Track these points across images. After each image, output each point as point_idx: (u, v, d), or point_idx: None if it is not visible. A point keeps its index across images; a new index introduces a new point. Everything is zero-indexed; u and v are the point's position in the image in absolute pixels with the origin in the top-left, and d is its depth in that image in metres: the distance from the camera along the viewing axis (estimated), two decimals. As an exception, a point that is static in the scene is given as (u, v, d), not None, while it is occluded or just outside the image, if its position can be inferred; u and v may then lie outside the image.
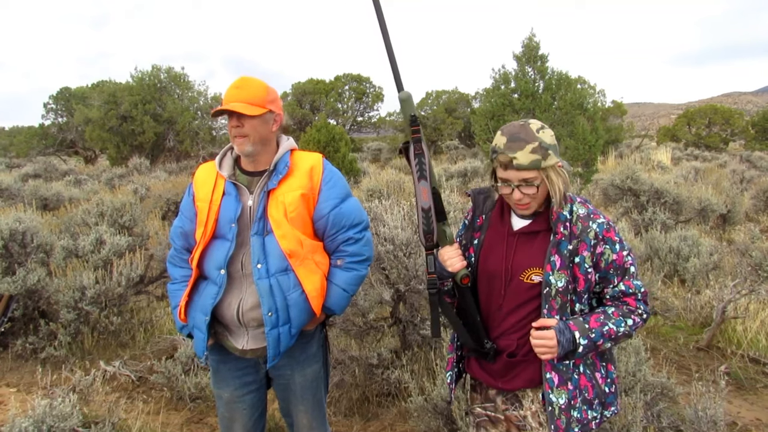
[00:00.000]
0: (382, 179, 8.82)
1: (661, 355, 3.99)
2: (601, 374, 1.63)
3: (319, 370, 2.09)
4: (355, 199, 2.05)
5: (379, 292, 3.48)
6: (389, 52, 1.62)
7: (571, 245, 1.54)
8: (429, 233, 1.60)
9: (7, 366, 3.92)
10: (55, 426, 2.35)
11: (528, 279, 1.57)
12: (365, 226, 2.02)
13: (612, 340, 1.56)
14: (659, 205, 7.54)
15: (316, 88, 28.03)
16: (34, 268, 4.17)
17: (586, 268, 1.55)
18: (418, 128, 1.60)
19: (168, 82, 16.50)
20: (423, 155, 1.60)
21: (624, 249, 1.59)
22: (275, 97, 2.07)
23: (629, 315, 1.58)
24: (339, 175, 2.06)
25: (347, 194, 2.02)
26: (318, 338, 2.08)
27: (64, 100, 23.16)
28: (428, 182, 1.59)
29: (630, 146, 23.33)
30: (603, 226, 1.57)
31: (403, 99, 1.62)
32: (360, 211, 2.02)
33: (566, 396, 1.57)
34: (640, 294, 1.60)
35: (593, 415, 1.61)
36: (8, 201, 8.42)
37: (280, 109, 2.07)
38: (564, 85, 11.88)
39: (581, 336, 1.52)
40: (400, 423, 3.16)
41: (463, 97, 28.08)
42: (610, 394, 1.64)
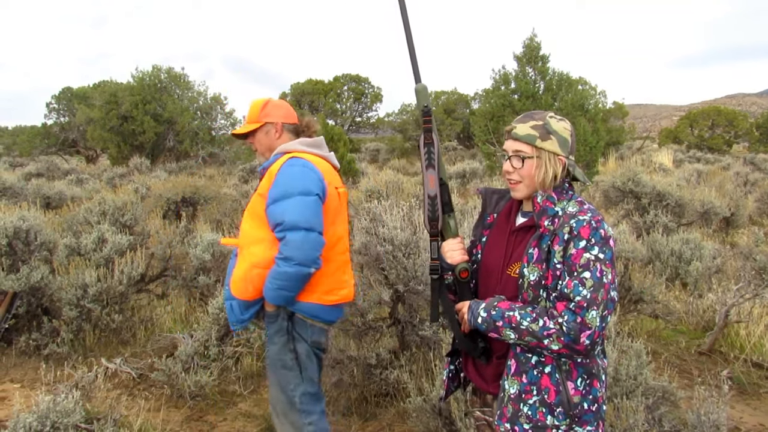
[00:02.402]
0: (380, 180, 8.84)
1: (662, 359, 3.97)
2: (576, 385, 1.51)
3: (280, 352, 2.22)
4: (291, 201, 2.12)
5: (378, 292, 3.50)
6: (409, 44, 1.67)
7: (550, 240, 1.51)
8: (434, 220, 1.64)
9: (11, 362, 3.96)
10: (59, 422, 2.39)
11: (513, 273, 1.58)
12: (286, 227, 2.09)
13: (513, 329, 1.48)
14: (661, 208, 7.48)
15: (314, 89, 28.08)
16: (38, 265, 4.21)
17: (555, 263, 1.48)
18: (430, 119, 1.65)
19: (168, 82, 16.53)
20: (433, 145, 1.64)
21: (589, 250, 1.44)
22: (271, 110, 2.35)
23: (544, 316, 1.45)
24: (288, 177, 2.17)
25: (283, 195, 2.13)
26: (279, 323, 2.21)
27: (66, 99, 23.23)
28: (436, 171, 1.63)
29: (631, 148, 23.24)
30: (581, 223, 1.47)
31: (419, 90, 1.68)
32: (285, 212, 2.10)
33: (518, 387, 1.53)
34: (574, 303, 1.42)
35: (554, 423, 1.50)
36: (12, 199, 8.47)
37: (282, 118, 2.34)
38: (565, 86, 11.89)
39: (483, 309, 1.55)
40: (398, 423, 3.18)
41: (462, 98, 28.07)
42: (588, 412, 1.51)
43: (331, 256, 2.23)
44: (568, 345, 1.43)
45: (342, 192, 2.37)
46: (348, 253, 2.39)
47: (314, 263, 2.11)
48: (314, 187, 2.16)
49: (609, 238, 1.48)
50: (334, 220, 2.27)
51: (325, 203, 2.21)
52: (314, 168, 2.22)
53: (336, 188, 2.32)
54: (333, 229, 2.25)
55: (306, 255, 2.08)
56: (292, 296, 2.15)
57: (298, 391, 2.22)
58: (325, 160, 2.37)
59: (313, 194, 2.15)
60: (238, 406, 3.48)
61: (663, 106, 73.01)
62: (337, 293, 2.27)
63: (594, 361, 1.55)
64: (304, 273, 2.09)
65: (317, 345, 2.28)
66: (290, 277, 2.08)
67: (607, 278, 1.44)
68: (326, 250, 2.18)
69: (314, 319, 2.23)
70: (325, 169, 2.28)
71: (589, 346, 1.43)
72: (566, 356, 1.49)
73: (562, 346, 1.43)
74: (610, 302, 1.44)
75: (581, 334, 1.41)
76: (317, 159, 2.30)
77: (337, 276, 2.28)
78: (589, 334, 1.41)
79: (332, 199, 2.25)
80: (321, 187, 2.19)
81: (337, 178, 2.39)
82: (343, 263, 2.33)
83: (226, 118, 17.49)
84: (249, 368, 3.88)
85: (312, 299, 2.20)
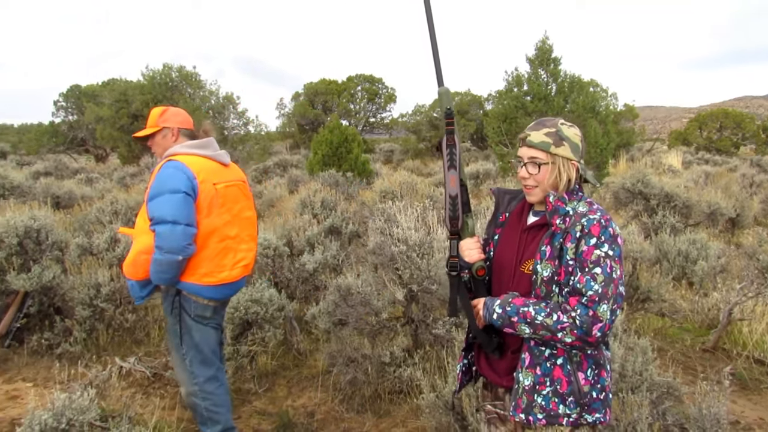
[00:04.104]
0: (395, 181, 8.84)
1: (668, 355, 4.02)
2: (586, 376, 1.59)
3: (171, 322, 2.61)
4: (160, 198, 2.44)
5: (392, 291, 3.50)
6: (434, 48, 1.71)
7: (562, 238, 1.58)
8: (455, 219, 1.70)
9: (23, 361, 3.97)
10: (74, 419, 2.38)
11: (527, 270, 1.64)
12: (155, 221, 2.43)
13: (529, 324, 1.54)
14: (669, 209, 7.55)
15: (328, 89, 28.05)
16: (49, 265, 4.21)
17: (567, 260, 1.55)
18: (453, 121, 1.69)
19: (179, 81, 16.55)
20: (455, 146, 1.68)
21: (600, 247, 1.52)
22: (169, 117, 2.72)
23: (557, 310, 1.52)
24: (161, 178, 2.49)
25: (156, 194, 2.47)
26: (170, 298, 2.59)
27: (75, 97, 23.29)
28: (457, 171, 1.68)
29: (641, 150, 23.13)
30: (592, 222, 1.54)
31: (442, 93, 1.73)
32: (155, 208, 2.44)
33: (532, 379, 1.59)
34: (586, 297, 1.49)
35: (566, 412, 1.58)
36: (20, 198, 8.48)
37: (178, 123, 2.71)
38: (576, 88, 11.86)
39: (498, 305, 1.61)
40: (411, 420, 3.18)
41: (476, 99, 28.02)
42: (597, 400, 1.60)
43: (208, 243, 2.54)
44: (580, 337, 1.50)
45: (221, 188, 2.62)
46: (230, 240, 2.63)
47: (182, 251, 2.42)
48: (182, 186, 2.45)
49: (617, 236, 1.56)
50: (209, 213, 2.54)
51: (197, 199, 2.50)
52: (185, 169, 2.50)
53: (214, 184, 2.58)
54: (208, 220, 2.53)
55: (172, 244, 2.40)
56: (170, 278, 2.47)
57: (188, 356, 2.59)
58: (211, 159, 2.67)
59: (181, 192, 2.44)
60: (253, 404, 3.47)
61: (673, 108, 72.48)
62: (215, 276, 2.56)
63: (601, 353, 1.64)
64: (173, 260, 2.41)
65: (202, 318, 2.59)
66: (162, 263, 2.42)
67: (616, 274, 1.52)
68: (201, 239, 2.51)
69: (196, 296, 2.55)
70: (201, 168, 2.56)
71: (600, 338, 1.50)
72: (578, 348, 1.56)
73: (575, 338, 1.51)
74: (619, 297, 1.52)
75: (593, 326, 1.49)
76: (195, 159, 2.58)
77: (216, 261, 2.57)
78: (600, 326, 1.49)
79: (206, 195, 2.53)
80: (189, 185, 2.48)
81: (220, 174, 2.66)
82: (223, 249, 2.59)
83: (238, 118, 17.52)
84: (263, 367, 3.88)
85: (192, 280, 2.53)
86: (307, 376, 3.82)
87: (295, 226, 5.29)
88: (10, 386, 3.67)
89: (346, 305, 3.56)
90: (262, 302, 3.75)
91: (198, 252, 2.50)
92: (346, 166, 10.86)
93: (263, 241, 4.56)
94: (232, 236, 2.64)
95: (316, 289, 4.55)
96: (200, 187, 2.51)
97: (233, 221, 2.67)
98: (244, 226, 2.75)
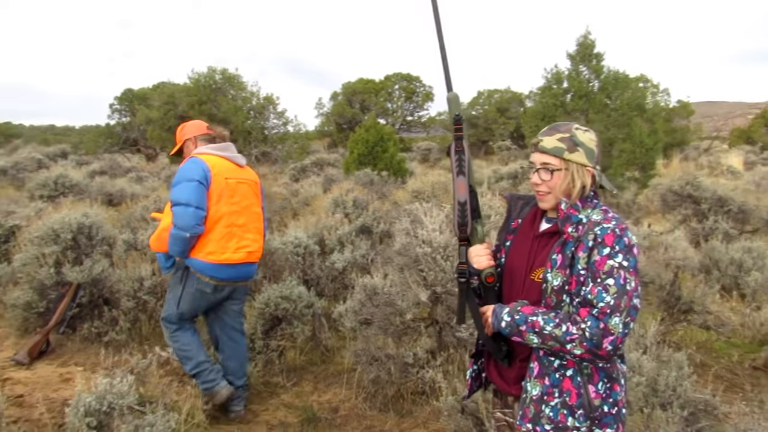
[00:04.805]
0: (427, 180, 8.86)
1: (711, 371, 3.84)
2: (597, 389, 1.55)
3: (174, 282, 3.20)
4: (179, 186, 2.99)
5: (416, 293, 3.55)
6: (443, 54, 1.73)
7: (574, 246, 1.54)
8: (463, 225, 1.70)
9: (76, 347, 4.27)
10: (114, 402, 2.56)
11: (537, 278, 1.62)
12: (173, 203, 2.98)
13: (537, 334, 1.52)
14: (722, 214, 7.08)
15: (366, 88, 28.21)
16: (99, 259, 4.50)
17: (579, 269, 1.52)
18: (461, 127, 1.70)
19: (223, 83, 17.07)
20: (463, 152, 1.69)
21: (613, 257, 1.48)
22: (187, 130, 3.35)
23: (567, 321, 1.49)
24: (181, 170, 3.05)
25: (176, 182, 3.02)
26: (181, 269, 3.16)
27: (128, 100, 24.40)
28: (466, 178, 1.68)
29: (698, 149, 21.93)
30: (606, 231, 1.51)
31: (451, 99, 1.74)
32: (174, 193, 2.99)
33: (540, 389, 1.57)
34: (597, 309, 1.46)
35: (575, 424, 1.54)
36: (78, 196, 9.01)
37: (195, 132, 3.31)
38: (621, 85, 11.46)
39: (507, 313, 1.59)
40: (433, 421, 3.23)
41: (516, 96, 27.53)
42: (608, 415, 1.56)
43: (215, 227, 3.05)
44: (590, 350, 1.46)
45: (233, 183, 3.14)
46: (236, 228, 3.12)
47: (191, 229, 2.94)
48: (196, 176, 2.99)
49: (633, 246, 1.52)
50: (218, 201, 3.05)
51: (209, 188, 3.03)
52: (202, 163, 3.05)
53: (226, 179, 3.10)
54: (216, 207, 3.05)
55: (184, 222, 2.93)
56: (181, 251, 3.01)
57: (173, 310, 3.18)
58: (227, 159, 3.21)
59: (195, 180, 2.97)
60: (281, 397, 3.62)
61: (736, 104, 67.80)
62: (218, 256, 3.05)
63: (614, 366, 1.59)
64: (183, 236, 2.94)
65: (202, 293, 3.12)
66: (175, 236, 2.96)
67: (631, 285, 1.47)
68: (211, 222, 3.03)
69: (199, 273, 3.06)
70: (216, 164, 3.10)
71: (611, 351, 1.46)
72: (588, 361, 1.52)
73: (585, 351, 1.47)
74: (633, 309, 1.47)
75: (604, 339, 1.45)
76: (213, 158, 3.13)
77: (221, 243, 3.06)
78: (611, 339, 1.45)
79: (217, 185, 3.05)
80: (203, 175, 3.01)
81: (233, 172, 3.18)
82: (228, 234, 3.08)
83: (278, 118, 17.92)
84: (292, 362, 4.03)
85: (198, 256, 3.04)
86: (333, 372, 3.95)
87: (327, 225, 5.42)
88: (64, 369, 3.97)
89: (371, 305, 3.65)
90: (292, 299, 3.89)
91: (206, 233, 3.03)
92: (382, 165, 10.93)
93: (293, 239, 4.72)
94: (239, 224, 3.13)
95: (344, 288, 4.66)
96: (213, 179, 3.04)
97: (242, 212, 3.15)
98: (252, 218, 3.23)
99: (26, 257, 4.56)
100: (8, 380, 3.75)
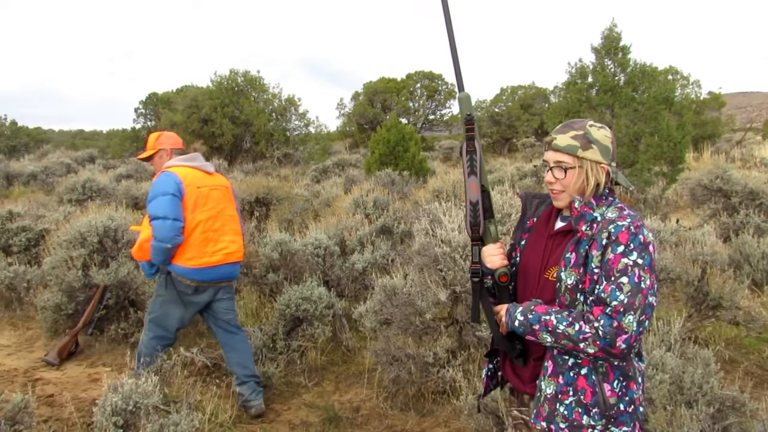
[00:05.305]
0: (448, 180, 8.80)
1: (741, 367, 3.76)
2: (612, 387, 1.55)
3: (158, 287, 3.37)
4: (155, 200, 3.14)
5: (435, 292, 3.54)
6: (454, 56, 1.76)
7: (588, 245, 1.54)
8: (475, 225, 1.70)
9: (103, 348, 4.38)
10: (140, 402, 2.62)
11: (551, 277, 1.61)
12: (151, 217, 3.14)
13: (550, 333, 1.52)
14: (753, 208, 6.87)
15: (387, 87, 28.19)
16: (125, 261, 4.59)
17: (593, 267, 1.51)
18: (473, 127, 1.71)
19: (245, 86, 17.32)
20: (475, 152, 1.69)
21: (628, 255, 1.47)
22: (164, 140, 3.46)
23: (580, 320, 1.48)
24: (155, 184, 3.21)
25: (152, 197, 3.17)
26: (164, 275, 3.31)
27: (152, 104, 24.93)
28: (478, 178, 1.69)
29: (730, 141, 21.30)
30: (620, 229, 1.49)
31: (462, 99, 1.76)
32: (151, 208, 3.15)
33: (554, 388, 1.57)
34: (611, 307, 1.45)
35: (590, 423, 1.54)
36: (104, 199, 9.23)
37: (170, 145, 3.44)
38: (648, 78, 11.21)
39: (520, 312, 1.60)
40: (454, 420, 3.22)
41: (541, 92, 27.18)
42: (624, 413, 1.56)
43: (193, 234, 3.20)
44: (604, 349, 1.46)
45: (205, 190, 3.28)
46: (212, 233, 3.27)
47: (171, 240, 3.10)
48: (170, 189, 3.14)
49: (648, 243, 1.50)
50: (193, 209, 3.20)
51: (184, 198, 3.18)
52: (173, 176, 3.20)
53: (198, 187, 3.25)
54: (192, 215, 3.20)
55: (163, 235, 3.09)
56: (163, 260, 3.19)
57: (156, 314, 3.36)
58: (197, 168, 3.35)
59: (169, 194, 3.12)
60: (302, 397, 3.65)
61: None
62: (197, 260, 3.22)
63: (630, 364, 1.58)
64: (163, 247, 3.11)
65: (184, 294, 3.29)
66: (155, 248, 3.14)
67: (645, 283, 1.47)
68: (188, 230, 3.18)
69: (181, 276, 3.23)
70: (187, 175, 3.25)
71: (625, 350, 1.46)
72: (602, 359, 1.52)
73: (598, 349, 1.47)
74: (648, 307, 1.47)
75: (617, 338, 1.44)
76: (183, 169, 3.28)
77: (200, 248, 3.22)
78: (625, 338, 1.44)
79: (190, 195, 3.20)
80: (177, 188, 3.16)
81: (204, 180, 3.33)
82: (205, 239, 3.24)
83: (300, 119, 18.10)
84: (313, 362, 4.05)
85: (179, 262, 3.21)
86: (354, 372, 3.96)
87: (348, 226, 5.44)
88: (93, 370, 4.07)
89: (391, 305, 3.65)
90: (312, 300, 3.92)
91: (185, 240, 3.19)
92: (403, 164, 10.91)
93: (314, 240, 4.75)
94: (215, 229, 3.29)
95: (365, 288, 4.67)
96: (186, 189, 3.19)
97: (217, 217, 3.31)
98: (227, 222, 3.37)
99: (55, 260, 4.69)
100: (39, 380, 3.87)
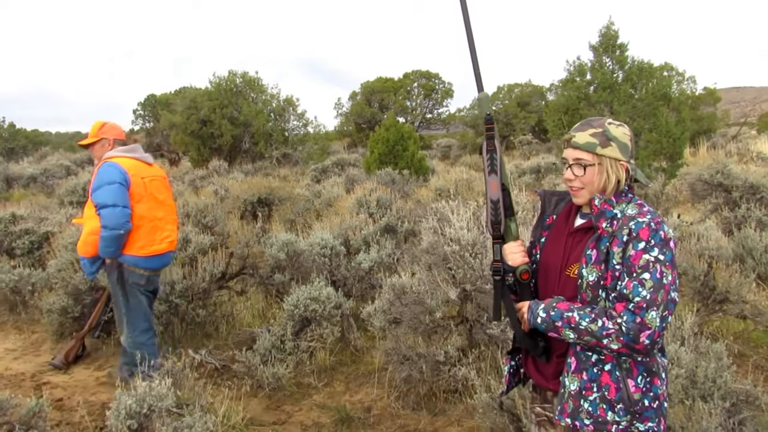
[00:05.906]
0: (450, 178, 8.81)
1: (750, 361, 3.78)
2: (636, 383, 1.55)
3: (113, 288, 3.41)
4: (101, 189, 3.21)
5: (445, 291, 3.54)
6: (473, 56, 1.75)
7: (609, 241, 1.55)
8: (497, 223, 1.71)
9: (111, 351, 4.36)
10: (154, 405, 2.62)
11: (573, 274, 1.62)
12: (99, 206, 3.20)
13: (573, 329, 1.53)
14: (754, 202, 6.91)
15: (384, 87, 28.19)
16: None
17: (614, 264, 1.53)
18: (493, 126, 1.72)
19: (243, 87, 17.28)
20: (495, 151, 1.70)
21: (649, 251, 1.48)
22: (107, 130, 3.51)
23: (603, 316, 1.49)
24: (100, 173, 3.27)
25: (97, 186, 3.24)
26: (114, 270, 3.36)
27: (151, 106, 24.88)
28: (498, 176, 1.70)
29: (725, 136, 21.41)
30: (641, 225, 1.51)
31: (482, 98, 1.77)
32: (98, 196, 3.21)
33: (578, 384, 1.58)
34: (633, 303, 1.46)
35: (615, 419, 1.55)
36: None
37: (113, 135, 3.52)
38: (646, 75, 11.26)
39: (542, 309, 1.60)
40: (466, 419, 3.22)
41: (537, 90, 27.21)
42: (649, 408, 1.56)
43: (141, 223, 3.32)
44: (627, 345, 1.47)
45: (147, 180, 3.40)
46: (158, 221, 3.40)
47: (122, 227, 3.19)
48: (116, 178, 3.23)
49: (669, 239, 1.51)
50: (140, 200, 3.32)
51: (130, 188, 3.28)
52: (118, 166, 3.30)
53: (142, 178, 3.36)
54: (140, 205, 3.31)
55: (114, 222, 3.17)
56: (114, 251, 3.24)
57: (127, 314, 3.43)
58: (138, 159, 3.46)
59: (116, 182, 3.21)
60: (313, 398, 3.64)
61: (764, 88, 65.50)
62: (148, 248, 3.34)
63: (654, 360, 1.59)
64: (116, 234, 3.18)
65: (138, 285, 3.39)
66: (107, 238, 3.19)
67: (667, 279, 1.48)
68: (137, 220, 3.29)
69: (133, 267, 3.32)
70: (131, 165, 3.35)
71: (649, 345, 1.47)
72: (626, 355, 1.53)
73: (622, 345, 1.48)
74: (671, 303, 1.48)
75: (641, 334, 1.45)
76: (126, 159, 3.37)
77: (149, 236, 3.35)
78: (648, 334, 1.45)
79: (136, 185, 3.31)
80: (123, 177, 3.26)
81: (146, 170, 3.45)
82: (152, 228, 3.37)
83: (298, 119, 18.07)
84: (322, 362, 4.05)
85: (131, 252, 3.30)
86: (364, 372, 3.95)
87: (352, 226, 5.44)
88: (100, 373, 4.05)
89: (400, 304, 3.64)
90: (320, 300, 3.91)
91: (135, 230, 3.29)
92: (403, 163, 10.92)
93: (320, 240, 4.74)
94: (159, 218, 3.43)
95: (372, 288, 4.67)
96: (132, 179, 3.29)
97: (159, 206, 3.44)
98: (168, 211, 3.52)
99: (61, 263, 4.67)
100: (47, 384, 3.85)
